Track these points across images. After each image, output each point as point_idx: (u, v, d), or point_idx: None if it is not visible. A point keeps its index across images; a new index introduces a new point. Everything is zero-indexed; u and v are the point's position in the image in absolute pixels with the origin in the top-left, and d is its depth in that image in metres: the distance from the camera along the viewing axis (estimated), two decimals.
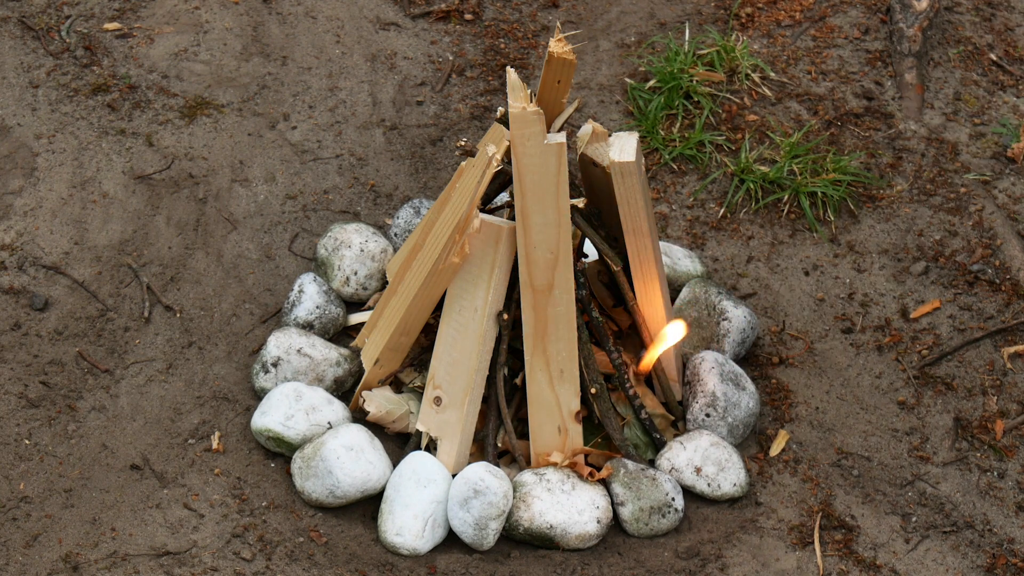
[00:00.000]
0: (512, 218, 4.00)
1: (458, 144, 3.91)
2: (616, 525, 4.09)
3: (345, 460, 4.00)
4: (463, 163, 4.06)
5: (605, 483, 4.09)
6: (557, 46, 3.79)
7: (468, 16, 5.43)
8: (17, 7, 5.29)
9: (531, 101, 3.81)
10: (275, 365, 4.24)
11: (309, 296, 4.40)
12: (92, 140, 4.87)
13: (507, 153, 3.90)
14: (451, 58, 5.27)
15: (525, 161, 3.83)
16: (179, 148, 4.88)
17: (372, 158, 4.96)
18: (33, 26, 5.21)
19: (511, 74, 3.83)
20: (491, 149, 3.88)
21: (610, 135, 4.07)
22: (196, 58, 5.18)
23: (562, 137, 3.84)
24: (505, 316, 4.03)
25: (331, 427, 4.13)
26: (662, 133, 5.04)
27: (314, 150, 4.95)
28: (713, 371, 4.25)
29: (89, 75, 5.08)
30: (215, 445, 4.15)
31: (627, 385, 4.17)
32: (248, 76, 5.15)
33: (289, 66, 5.20)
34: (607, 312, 4.32)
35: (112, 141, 4.88)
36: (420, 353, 4.28)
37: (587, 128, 4.08)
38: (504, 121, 3.93)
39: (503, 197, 4.21)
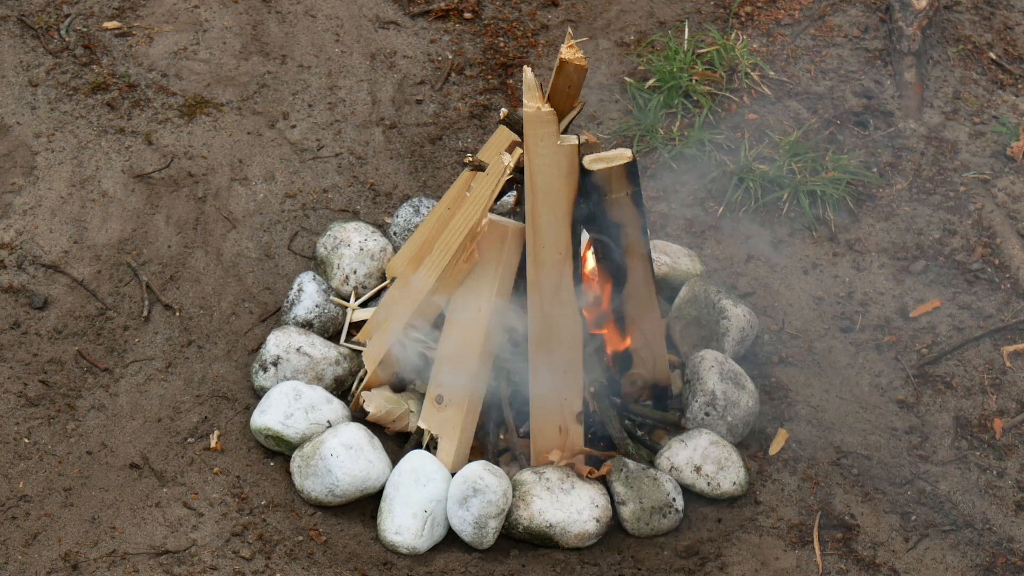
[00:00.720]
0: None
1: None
2: (616, 524, 4.10)
3: (344, 459, 4.00)
4: (467, 170, 4.06)
5: (605, 482, 4.09)
6: (569, 52, 3.77)
7: (467, 15, 5.43)
8: (16, 5, 5.29)
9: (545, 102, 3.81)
10: (274, 364, 4.25)
11: (308, 295, 4.40)
12: (91, 139, 4.87)
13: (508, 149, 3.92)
14: (450, 57, 5.28)
15: (537, 162, 3.84)
16: (178, 147, 4.88)
17: (371, 157, 4.96)
18: (32, 25, 5.22)
19: (527, 73, 3.83)
20: (506, 159, 3.89)
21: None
22: (195, 57, 5.18)
23: (574, 139, 3.85)
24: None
25: (330, 426, 4.13)
26: (661, 132, 5.05)
27: (313, 149, 4.95)
28: (713, 370, 4.26)
29: (88, 74, 5.08)
30: (214, 444, 4.16)
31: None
32: (247, 75, 5.15)
33: (288, 65, 5.20)
34: None
35: (111, 140, 4.88)
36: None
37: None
38: (508, 123, 3.93)
39: (506, 201, 4.22)
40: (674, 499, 4.08)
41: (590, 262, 4.14)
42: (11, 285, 4.45)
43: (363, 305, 4.49)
